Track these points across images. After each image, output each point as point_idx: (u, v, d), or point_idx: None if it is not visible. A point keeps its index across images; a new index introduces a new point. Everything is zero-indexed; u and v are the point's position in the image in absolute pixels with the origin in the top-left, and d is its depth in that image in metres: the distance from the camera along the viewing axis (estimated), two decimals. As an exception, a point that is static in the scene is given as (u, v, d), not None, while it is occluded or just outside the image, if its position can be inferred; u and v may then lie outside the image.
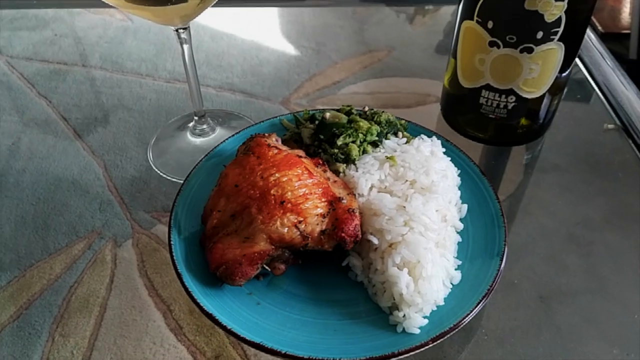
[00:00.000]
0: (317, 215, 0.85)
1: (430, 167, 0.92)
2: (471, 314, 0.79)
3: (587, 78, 1.40)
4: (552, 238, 0.89)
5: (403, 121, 1.06)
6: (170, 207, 0.82)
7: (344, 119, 1.02)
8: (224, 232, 0.86)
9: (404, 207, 0.85)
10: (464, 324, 0.79)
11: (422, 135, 1.02)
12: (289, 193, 0.85)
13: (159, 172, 1.11)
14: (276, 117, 1.14)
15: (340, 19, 1.34)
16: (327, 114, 1.03)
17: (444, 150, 1.01)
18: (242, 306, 0.83)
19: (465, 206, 0.96)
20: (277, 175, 0.88)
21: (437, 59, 1.30)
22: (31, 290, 0.75)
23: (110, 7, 0.96)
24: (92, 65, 1.15)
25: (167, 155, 1.14)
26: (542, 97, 1.08)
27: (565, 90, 1.15)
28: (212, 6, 0.92)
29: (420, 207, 0.85)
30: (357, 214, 0.85)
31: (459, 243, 0.91)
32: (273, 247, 0.82)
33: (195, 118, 1.16)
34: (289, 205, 0.84)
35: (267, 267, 0.84)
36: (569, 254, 0.86)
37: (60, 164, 0.92)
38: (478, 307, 0.80)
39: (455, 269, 0.86)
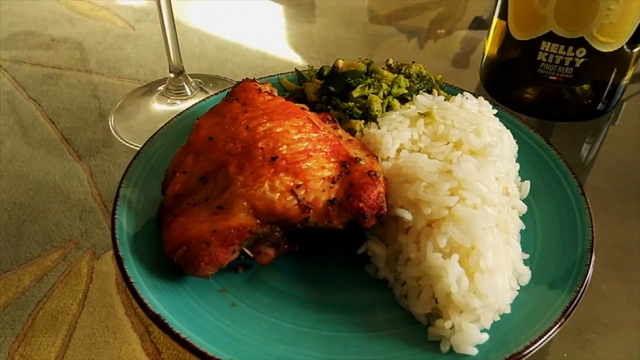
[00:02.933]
0: (324, 178, 0.58)
1: (482, 125, 0.66)
2: (552, 332, 0.52)
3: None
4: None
5: (439, 77, 0.81)
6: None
7: (361, 67, 0.76)
8: (190, 201, 0.60)
9: (450, 171, 0.58)
10: (541, 345, 0.51)
11: (466, 93, 0.76)
12: (284, 147, 0.60)
13: (121, 140, 0.86)
14: (274, 75, 0.90)
15: (352, 33, 1.30)
16: (340, 62, 0.77)
17: (495, 112, 0.75)
18: (209, 308, 0.57)
19: (527, 184, 0.69)
20: (268, 124, 0.62)
21: (456, 69, 1.20)
22: (-6, 305, 0.66)
23: None
24: (87, 70, 1.11)
25: (131, 121, 0.89)
26: (619, 53, 0.83)
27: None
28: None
29: (473, 171, 0.59)
30: (380, 178, 0.59)
31: (522, 231, 0.65)
32: (257, 221, 0.56)
33: (171, 75, 0.91)
34: (283, 162, 0.58)
35: (248, 252, 0.58)
36: (607, 280, 0.70)
37: (42, 168, 0.85)
38: (562, 321, 0.53)
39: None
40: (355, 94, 0.72)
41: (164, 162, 0.71)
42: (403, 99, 0.75)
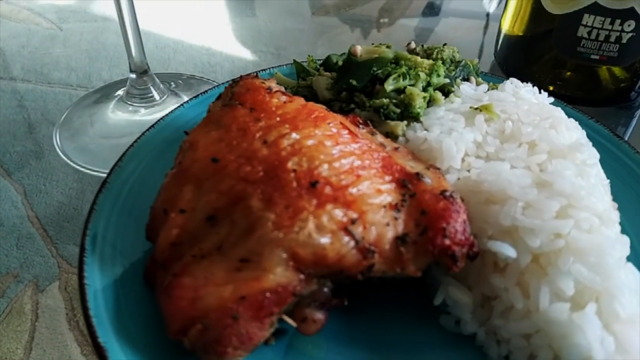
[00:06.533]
0: (384, 206, 0.42)
1: (559, 119, 0.52)
2: None
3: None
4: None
5: (475, 62, 0.66)
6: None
7: (387, 53, 0.60)
8: (195, 252, 0.42)
9: (550, 183, 0.43)
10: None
11: (513, 79, 0.62)
12: (324, 167, 0.43)
13: (73, 164, 0.67)
14: (264, 70, 0.72)
15: (299, 24, 1.25)
16: (358, 48, 0.61)
17: (551, 100, 0.61)
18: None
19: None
20: (294, 136, 0.45)
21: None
22: None
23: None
24: (12, 77, 1.02)
25: (84, 138, 0.69)
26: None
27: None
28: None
29: (579, 181, 0.44)
30: (458, 200, 0.43)
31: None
32: (301, 276, 0.39)
33: (132, 76, 0.71)
34: (328, 188, 0.41)
35: (289, 320, 0.41)
36: None
37: (-33, 191, 0.76)
38: None
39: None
40: (389, 87, 0.56)
41: (139, 194, 0.53)
42: (444, 91, 0.60)
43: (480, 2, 1.33)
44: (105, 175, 0.69)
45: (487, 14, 1.25)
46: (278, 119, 0.48)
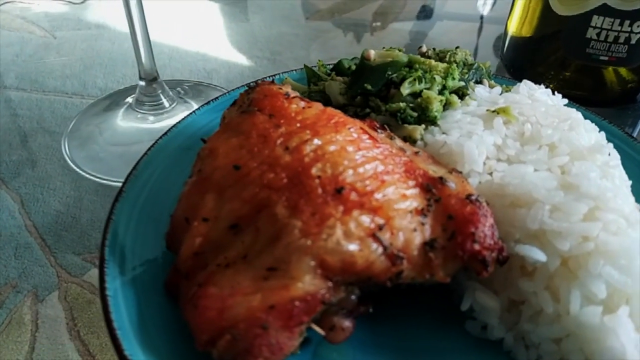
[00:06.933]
0: (411, 212, 0.42)
1: (577, 121, 0.52)
2: None
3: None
4: None
5: (488, 64, 0.66)
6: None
7: (400, 57, 0.60)
8: (220, 261, 0.42)
9: (576, 185, 0.43)
10: None
11: (527, 81, 0.62)
12: (349, 172, 0.42)
13: (82, 171, 0.67)
14: (274, 75, 0.71)
15: (294, 28, 1.26)
16: (372, 52, 0.61)
17: (565, 101, 0.61)
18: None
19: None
20: (315, 141, 0.45)
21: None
22: None
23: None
24: (6, 86, 1.02)
25: (93, 146, 0.68)
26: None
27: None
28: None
29: (605, 183, 0.44)
30: (485, 204, 0.43)
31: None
32: (329, 284, 0.39)
33: (142, 84, 0.70)
34: (353, 194, 0.41)
35: (318, 329, 0.40)
36: None
37: (-37, 201, 0.76)
38: None
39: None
40: (405, 91, 0.56)
41: (156, 203, 0.52)
42: (459, 93, 0.59)
43: (474, 5, 1.33)
44: (115, 183, 0.69)
45: (481, 17, 1.25)
46: (298, 124, 0.47)
